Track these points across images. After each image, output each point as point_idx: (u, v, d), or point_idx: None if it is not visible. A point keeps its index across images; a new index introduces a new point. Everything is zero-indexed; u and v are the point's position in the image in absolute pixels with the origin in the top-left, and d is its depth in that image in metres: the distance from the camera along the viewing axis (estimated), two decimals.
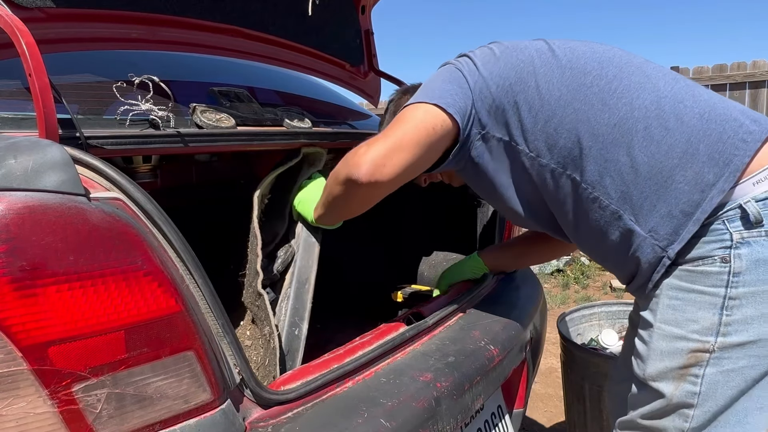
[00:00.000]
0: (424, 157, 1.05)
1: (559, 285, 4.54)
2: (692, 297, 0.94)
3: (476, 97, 1.05)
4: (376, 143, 1.02)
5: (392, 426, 0.90)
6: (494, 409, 1.38)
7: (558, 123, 1.01)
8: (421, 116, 1.03)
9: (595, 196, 1.00)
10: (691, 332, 0.94)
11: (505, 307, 1.49)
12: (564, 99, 1.01)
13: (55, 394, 0.65)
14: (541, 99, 1.02)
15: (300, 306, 1.22)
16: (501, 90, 1.05)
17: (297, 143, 1.34)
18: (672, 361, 0.96)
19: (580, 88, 1.01)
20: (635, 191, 0.96)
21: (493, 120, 1.06)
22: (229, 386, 0.83)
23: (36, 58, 0.80)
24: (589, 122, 0.99)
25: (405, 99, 1.31)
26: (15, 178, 0.66)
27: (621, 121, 0.97)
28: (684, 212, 0.93)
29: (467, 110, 1.05)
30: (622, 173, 0.97)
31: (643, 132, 0.96)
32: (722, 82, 4.91)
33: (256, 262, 1.18)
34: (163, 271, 0.74)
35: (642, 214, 0.96)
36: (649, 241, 0.97)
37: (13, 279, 0.63)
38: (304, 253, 1.29)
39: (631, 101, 0.98)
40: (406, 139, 1.01)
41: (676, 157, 0.94)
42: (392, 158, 1.00)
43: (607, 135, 0.98)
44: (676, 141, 0.94)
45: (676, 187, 0.93)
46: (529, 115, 1.03)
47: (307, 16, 1.53)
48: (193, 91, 1.34)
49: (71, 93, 1.06)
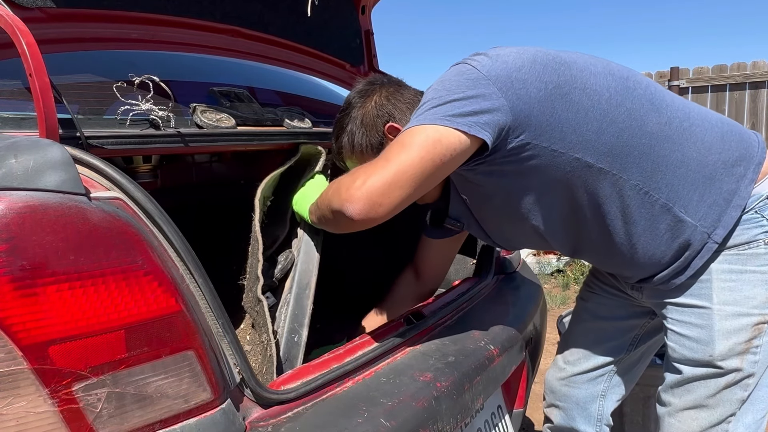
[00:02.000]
0: (429, 185, 0.97)
1: (559, 285, 4.54)
2: (746, 277, 1.05)
3: (511, 105, 0.94)
4: (374, 174, 0.93)
5: (392, 425, 0.90)
6: (494, 409, 1.38)
7: (609, 123, 1.00)
8: (430, 146, 0.91)
9: (645, 191, 1.03)
10: (751, 308, 1.05)
11: (505, 307, 1.49)
12: (614, 100, 1.01)
13: (55, 394, 0.65)
14: (590, 100, 0.99)
15: (300, 312, 1.21)
16: (544, 94, 0.97)
17: (297, 143, 1.34)
18: (739, 337, 1.05)
19: (626, 90, 1.03)
20: (686, 184, 1.03)
21: (533, 126, 0.97)
22: (229, 386, 0.83)
23: (36, 58, 0.80)
24: (642, 120, 1.02)
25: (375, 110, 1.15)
26: (15, 178, 0.66)
27: (670, 119, 1.04)
28: (726, 200, 1.04)
29: (497, 124, 0.94)
30: (674, 168, 1.03)
31: (688, 130, 1.05)
32: (722, 83, 4.91)
33: (257, 267, 1.17)
34: (163, 271, 0.74)
35: (691, 205, 1.04)
36: (699, 230, 1.04)
37: (14, 278, 0.63)
38: (305, 257, 1.27)
39: (670, 103, 1.07)
40: (409, 173, 0.91)
41: (716, 153, 1.05)
42: (390, 195, 0.92)
43: (660, 132, 1.02)
44: (713, 139, 1.06)
45: (719, 179, 1.04)
46: (576, 116, 0.98)
47: (307, 16, 1.53)
48: (193, 91, 1.34)
49: (71, 93, 1.06)
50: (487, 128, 0.93)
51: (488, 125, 0.93)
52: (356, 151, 1.18)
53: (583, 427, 1.40)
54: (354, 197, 0.93)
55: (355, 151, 1.19)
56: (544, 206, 1.08)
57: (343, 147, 1.20)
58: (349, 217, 0.94)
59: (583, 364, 1.39)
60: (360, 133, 1.16)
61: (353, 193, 0.93)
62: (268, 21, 1.59)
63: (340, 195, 0.97)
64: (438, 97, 0.96)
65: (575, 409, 1.40)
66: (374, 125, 1.15)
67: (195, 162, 1.67)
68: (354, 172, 0.99)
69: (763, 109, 4.82)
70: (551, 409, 1.46)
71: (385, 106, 1.16)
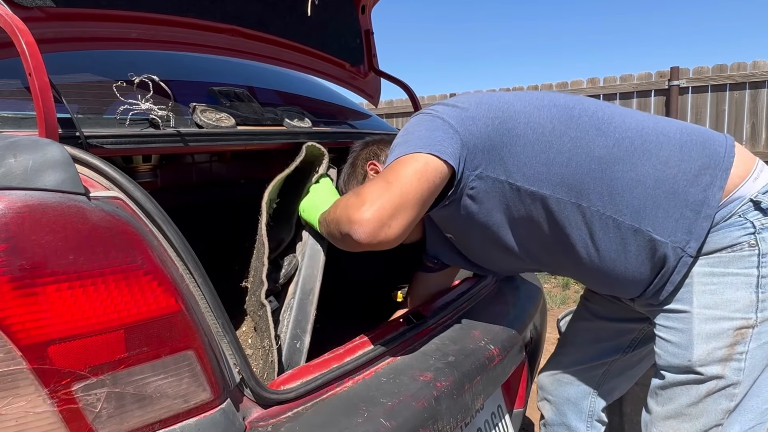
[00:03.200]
0: (426, 208, 1.02)
1: (559, 285, 4.54)
2: (728, 280, 1.02)
3: (466, 140, 1.04)
4: (380, 199, 0.96)
5: (392, 425, 0.89)
6: (494, 409, 1.37)
7: (556, 153, 1.03)
8: (421, 168, 0.99)
9: (608, 215, 1.03)
10: (733, 312, 1.01)
11: (505, 307, 1.49)
12: (558, 130, 1.04)
13: (54, 394, 0.65)
14: (534, 133, 1.04)
15: (303, 318, 1.20)
16: (491, 129, 1.05)
17: (297, 143, 1.33)
18: (719, 341, 1.01)
19: (570, 119, 1.06)
20: (647, 203, 1.02)
21: (487, 159, 1.05)
22: (229, 386, 0.83)
23: (36, 58, 0.80)
24: (588, 147, 1.03)
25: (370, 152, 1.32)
26: (15, 177, 0.66)
27: (618, 141, 1.04)
28: (694, 211, 1.01)
29: (459, 154, 1.03)
30: (631, 188, 1.02)
31: (640, 148, 1.04)
32: (722, 83, 4.91)
33: (262, 271, 1.16)
34: (162, 271, 0.74)
35: (658, 222, 1.02)
36: (671, 246, 1.02)
37: (13, 278, 0.63)
38: (310, 261, 1.27)
39: (619, 125, 1.06)
40: (411, 195, 0.97)
41: (675, 166, 1.02)
42: (397, 218, 0.96)
43: (608, 156, 1.03)
44: (670, 152, 1.04)
45: (681, 191, 1.01)
46: (524, 150, 1.04)
47: (307, 16, 1.53)
48: (193, 91, 1.34)
49: (71, 92, 1.06)
50: (453, 157, 1.02)
51: (452, 154, 1.02)
52: (344, 188, 1.35)
53: (574, 422, 1.41)
54: (363, 220, 0.95)
55: (343, 188, 1.36)
56: (520, 237, 1.14)
57: (339, 186, 1.37)
58: (357, 239, 0.96)
59: (576, 361, 1.40)
60: (349, 171, 1.35)
61: (362, 217, 0.95)
62: (268, 20, 1.59)
63: (349, 216, 0.98)
64: (404, 137, 1.07)
65: (566, 405, 1.42)
66: (360, 164, 1.33)
67: (195, 162, 1.67)
68: (357, 195, 1.01)
69: (763, 109, 4.82)
70: (543, 404, 1.48)
71: (373, 151, 1.33)
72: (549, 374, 1.45)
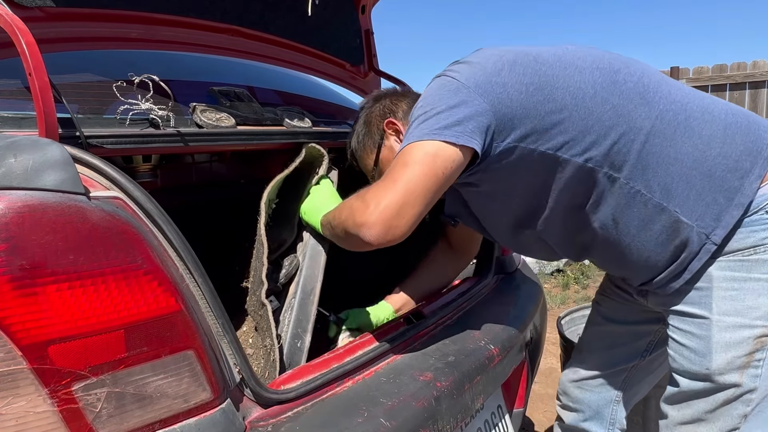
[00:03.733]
0: (435, 199, 0.98)
1: (559, 285, 4.54)
2: (750, 285, 0.98)
3: (496, 109, 0.96)
4: (385, 197, 0.94)
5: (392, 425, 0.89)
6: (494, 409, 1.37)
7: (596, 120, 0.97)
8: (429, 161, 0.94)
9: (636, 190, 0.98)
10: (754, 319, 0.97)
11: (505, 307, 1.49)
12: (600, 96, 0.98)
13: (54, 393, 0.65)
14: (573, 99, 0.97)
15: (303, 318, 1.20)
16: (525, 96, 0.97)
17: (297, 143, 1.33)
18: (738, 350, 0.98)
19: (614, 85, 0.99)
20: (680, 182, 0.97)
21: (518, 129, 0.97)
22: (229, 385, 0.83)
23: (36, 58, 0.80)
24: (630, 116, 0.97)
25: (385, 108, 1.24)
26: (15, 177, 0.66)
27: (661, 114, 0.98)
28: (727, 198, 0.96)
29: (483, 128, 0.95)
30: (667, 165, 0.97)
31: (684, 123, 0.98)
32: (722, 83, 4.91)
33: (262, 271, 1.16)
34: (162, 270, 0.74)
35: (687, 204, 0.98)
36: (696, 230, 0.98)
37: (13, 278, 0.63)
38: (311, 261, 1.26)
39: (665, 95, 1.00)
40: (417, 191, 0.93)
41: (717, 147, 0.98)
42: (404, 216, 0.93)
43: (650, 128, 0.97)
44: (714, 132, 0.99)
45: (719, 175, 0.97)
46: (560, 117, 0.97)
47: (307, 16, 1.53)
48: (193, 91, 1.34)
49: (71, 92, 1.06)
50: (475, 136, 0.94)
51: (474, 133, 0.94)
52: (360, 149, 1.29)
53: (595, 429, 1.38)
54: (369, 222, 0.94)
55: (359, 149, 1.29)
56: (540, 208, 1.08)
57: (352, 147, 1.32)
58: (367, 242, 0.96)
59: (596, 368, 1.36)
60: (363, 131, 1.27)
61: (368, 219, 0.94)
62: (269, 20, 1.59)
63: (355, 220, 0.98)
64: (423, 114, 0.98)
65: (588, 412, 1.39)
66: (376, 123, 1.25)
67: (195, 161, 1.67)
68: (364, 195, 1.00)
69: (763, 109, 4.82)
70: (564, 411, 1.44)
71: (387, 106, 1.26)
72: (570, 380, 1.42)
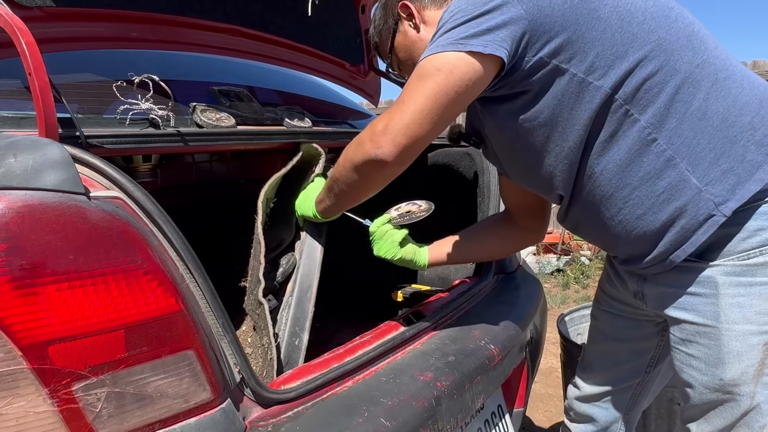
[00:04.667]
0: (451, 116, 0.94)
1: (559, 285, 4.54)
2: (756, 290, 0.93)
3: (533, 17, 0.88)
4: (393, 118, 0.92)
5: (392, 425, 0.89)
6: (494, 409, 1.37)
7: (637, 48, 0.90)
8: (443, 78, 0.88)
9: (653, 138, 0.92)
10: (763, 324, 0.94)
11: (505, 307, 1.49)
12: (647, 25, 0.91)
13: (54, 393, 0.65)
14: (620, 19, 0.90)
15: (301, 315, 1.20)
16: (569, 7, 0.89)
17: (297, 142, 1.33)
18: (750, 359, 0.95)
19: (665, 19, 0.93)
20: (702, 140, 0.92)
21: (552, 42, 0.89)
22: (229, 385, 0.83)
23: (36, 57, 0.80)
24: (672, 54, 0.91)
25: None
26: (15, 177, 0.66)
27: (704, 63, 0.93)
28: (747, 171, 0.91)
29: (516, 37, 0.88)
30: (692, 118, 0.92)
31: (723, 81, 0.93)
32: None
33: (259, 270, 1.16)
34: (163, 270, 0.74)
35: (701, 166, 0.92)
36: (704, 195, 0.92)
37: (13, 278, 0.63)
38: (307, 259, 1.27)
39: (712, 48, 0.95)
40: (425, 111, 0.90)
41: (749, 115, 0.92)
42: (412, 135, 0.91)
43: (688, 73, 0.92)
44: (750, 100, 0.94)
45: (743, 145, 0.92)
46: (602, 37, 0.90)
47: (307, 15, 1.53)
48: (193, 91, 1.34)
49: (71, 92, 1.06)
50: (504, 44, 0.88)
51: (504, 41, 0.88)
52: (376, 35, 1.24)
53: None
54: (381, 142, 0.93)
55: (376, 36, 1.24)
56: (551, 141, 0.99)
57: (371, 36, 1.26)
58: (381, 160, 0.93)
59: (600, 386, 1.34)
60: (380, 16, 1.22)
61: (377, 139, 0.93)
62: (268, 20, 1.59)
63: (364, 146, 0.96)
64: (452, 19, 0.91)
65: (597, 427, 1.37)
66: (391, 7, 1.19)
67: (195, 161, 1.67)
68: (371, 124, 0.98)
69: None
70: (574, 424, 1.42)
71: None
72: (576, 397, 1.39)
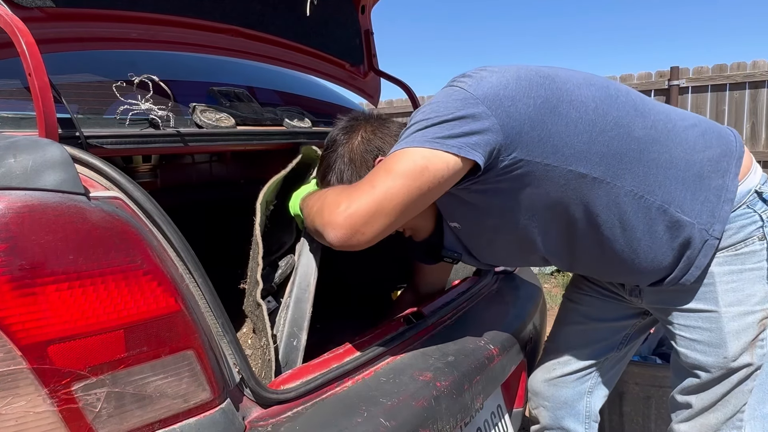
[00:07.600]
0: (414, 212, 0.97)
1: (559, 285, 4.55)
2: (745, 276, 1.08)
3: (501, 123, 0.94)
4: (358, 200, 0.92)
5: (392, 425, 0.89)
6: (494, 409, 1.37)
7: (599, 133, 1.01)
8: (417, 173, 0.91)
9: (640, 195, 1.04)
10: (754, 305, 1.09)
11: (505, 307, 1.49)
12: (601, 109, 1.02)
13: (54, 393, 0.65)
14: (577, 111, 1.00)
15: (299, 316, 1.20)
16: (533, 110, 0.97)
17: (296, 143, 1.33)
18: (748, 335, 1.09)
19: (610, 99, 1.05)
20: (677, 184, 1.05)
21: (525, 142, 0.97)
22: (229, 385, 0.83)
23: (36, 58, 0.80)
24: (629, 127, 1.04)
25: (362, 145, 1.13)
26: (14, 177, 0.66)
27: (654, 123, 1.06)
28: (716, 195, 1.06)
29: (489, 144, 0.94)
30: (664, 170, 1.05)
31: (672, 131, 1.07)
32: (722, 82, 4.91)
33: (257, 271, 1.16)
34: (162, 271, 0.74)
35: (686, 204, 1.05)
36: (697, 227, 1.06)
37: (13, 278, 0.63)
38: (305, 259, 1.26)
39: (652, 107, 1.09)
40: (394, 202, 0.91)
41: (701, 151, 1.08)
42: (373, 224, 0.91)
43: (646, 137, 1.04)
44: (696, 138, 1.09)
45: (707, 176, 1.07)
46: (566, 129, 0.99)
47: (307, 16, 1.53)
48: (192, 91, 1.34)
49: (71, 92, 1.06)
50: (478, 149, 0.93)
51: (479, 146, 0.93)
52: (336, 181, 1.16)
53: (572, 425, 1.40)
54: (335, 223, 0.92)
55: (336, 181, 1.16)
56: (541, 222, 1.08)
57: (332, 186, 1.15)
58: (331, 241, 0.95)
59: (572, 364, 1.38)
60: (349, 170, 1.13)
61: (335, 219, 0.92)
62: (268, 20, 1.59)
63: (323, 217, 0.96)
64: (427, 119, 0.95)
65: (563, 408, 1.40)
66: (364, 161, 1.13)
67: (194, 162, 1.67)
68: (339, 192, 0.98)
69: (763, 108, 4.81)
70: (539, 410, 1.45)
71: (372, 141, 1.14)
72: (542, 380, 1.43)
